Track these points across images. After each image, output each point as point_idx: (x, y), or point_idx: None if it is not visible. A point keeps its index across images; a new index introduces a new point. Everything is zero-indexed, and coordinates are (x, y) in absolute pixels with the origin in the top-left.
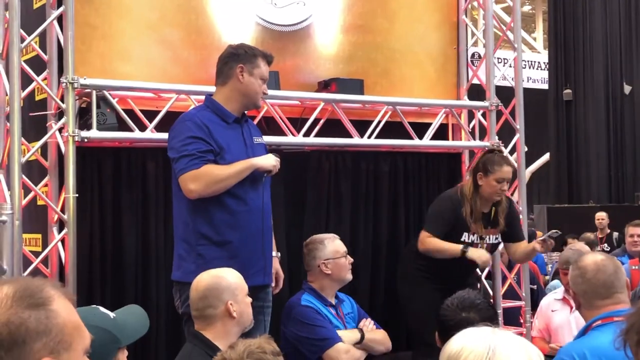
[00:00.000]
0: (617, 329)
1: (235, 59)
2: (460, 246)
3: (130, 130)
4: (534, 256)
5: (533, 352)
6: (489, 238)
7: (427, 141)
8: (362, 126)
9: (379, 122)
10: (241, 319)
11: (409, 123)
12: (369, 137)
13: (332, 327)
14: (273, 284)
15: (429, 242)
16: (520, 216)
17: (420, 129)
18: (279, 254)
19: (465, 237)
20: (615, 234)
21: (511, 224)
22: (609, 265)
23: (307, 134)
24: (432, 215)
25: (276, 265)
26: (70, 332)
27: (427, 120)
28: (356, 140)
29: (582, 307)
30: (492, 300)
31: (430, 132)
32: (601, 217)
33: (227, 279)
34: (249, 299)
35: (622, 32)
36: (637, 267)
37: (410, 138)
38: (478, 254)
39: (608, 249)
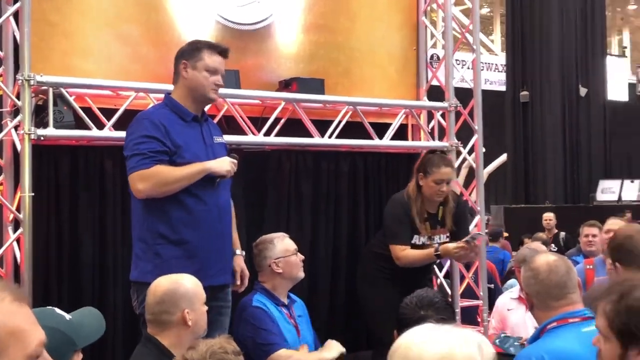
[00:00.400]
0: (572, 331)
1: (180, 55)
2: (433, 250)
3: (87, 128)
4: (470, 257)
5: (460, 346)
6: (439, 238)
7: (387, 141)
8: (323, 126)
9: (340, 122)
10: (195, 327)
11: (370, 123)
12: (330, 137)
13: (279, 331)
14: (238, 282)
15: (405, 255)
16: (479, 216)
17: (381, 129)
18: (244, 252)
19: (415, 239)
20: (562, 234)
21: (459, 223)
22: (561, 266)
23: (267, 134)
24: (392, 226)
25: (241, 263)
26: (3, 338)
27: (387, 121)
28: (317, 140)
29: (535, 308)
30: (450, 299)
31: (390, 132)
32: (548, 217)
33: (186, 286)
34: (205, 307)
35: (578, 36)
36: (591, 267)
37: (371, 138)
38: (451, 253)
39: (555, 249)
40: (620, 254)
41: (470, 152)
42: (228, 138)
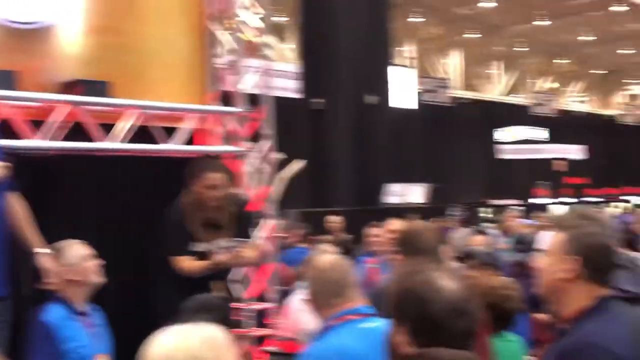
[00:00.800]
0: (352, 328)
1: None
2: (209, 261)
3: None
4: (242, 264)
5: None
6: (220, 243)
7: (176, 146)
8: (111, 130)
9: (127, 125)
10: None
11: (161, 127)
12: (117, 141)
13: (57, 354)
14: (50, 280)
15: (188, 267)
16: (270, 220)
17: (172, 134)
18: (48, 250)
19: (196, 247)
20: (346, 237)
21: (240, 227)
22: (341, 265)
23: (50, 137)
24: (170, 237)
25: (49, 262)
26: None
27: (178, 125)
28: (102, 144)
29: (317, 306)
30: (240, 303)
31: (181, 136)
32: (332, 220)
33: None
34: None
35: (367, 46)
36: (375, 266)
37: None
38: (223, 262)
39: (340, 252)
40: (406, 248)
41: (262, 157)
42: (6, 142)
